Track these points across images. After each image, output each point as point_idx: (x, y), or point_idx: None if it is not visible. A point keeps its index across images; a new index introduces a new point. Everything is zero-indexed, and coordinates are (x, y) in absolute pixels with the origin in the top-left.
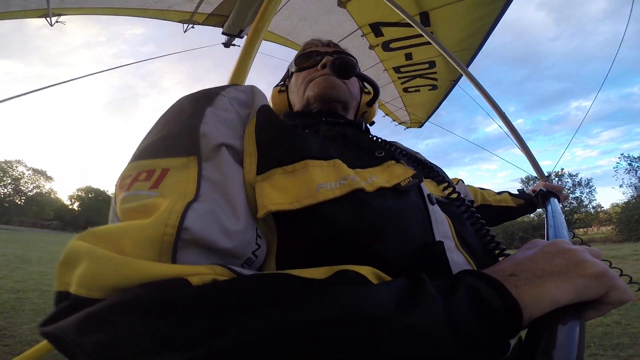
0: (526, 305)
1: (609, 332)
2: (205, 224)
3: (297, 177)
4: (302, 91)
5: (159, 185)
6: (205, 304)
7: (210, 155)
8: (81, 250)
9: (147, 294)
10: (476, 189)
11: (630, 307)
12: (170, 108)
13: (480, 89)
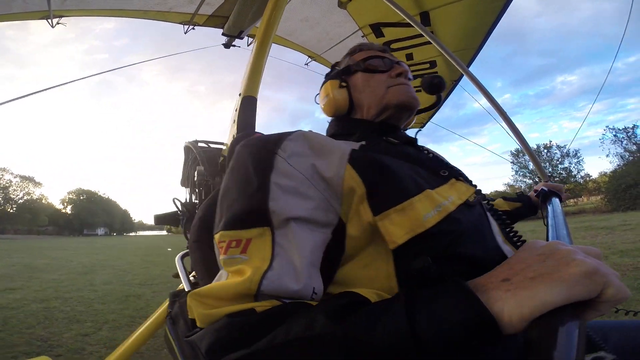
0: (511, 308)
1: None
2: (274, 288)
3: (408, 214)
4: (380, 92)
5: (246, 250)
6: (260, 321)
7: (280, 225)
8: (191, 303)
9: (235, 317)
10: None
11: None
12: (237, 169)
13: (482, 88)
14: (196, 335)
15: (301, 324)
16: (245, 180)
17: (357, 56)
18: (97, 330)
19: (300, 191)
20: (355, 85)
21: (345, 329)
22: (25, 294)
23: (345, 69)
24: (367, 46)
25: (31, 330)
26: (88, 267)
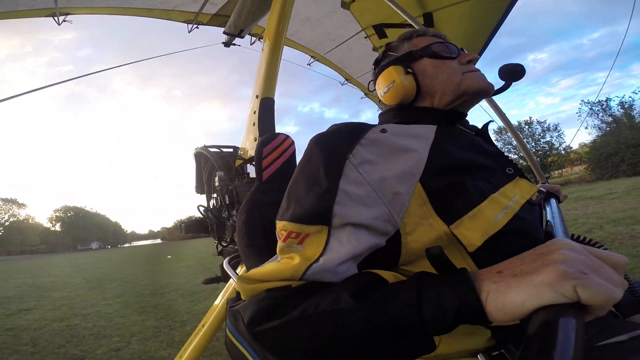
0: (496, 301)
1: None
2: (314, 276)
3: (479, 219)
4: (456, 81)
5: (303, 242)
6: (295, 295)
7: (337, 227)
8: (240, 280)
9: (272, 292)
10: None
11: None
12: (309, 166)
13: None
14: (240, 306)
15: (329, 299)
16: (315, 180)
17: (418, 42)
18: (127, 344)
19: (366, 201)
20: (424, 71)
21: (365, 306)
22: (43, 314)
23: (408, 55)
24: (423, 31)
25: (64, 350)
26: (94, 282)
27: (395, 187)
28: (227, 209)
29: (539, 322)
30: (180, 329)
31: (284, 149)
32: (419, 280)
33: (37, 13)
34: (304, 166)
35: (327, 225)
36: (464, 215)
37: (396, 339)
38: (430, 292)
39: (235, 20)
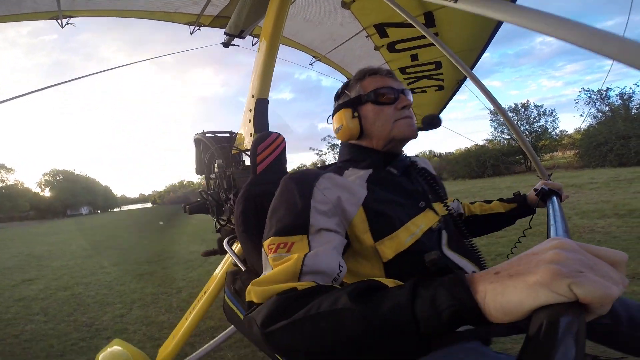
0: (495, 301)
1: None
2: (311, 266)
3: (394, 240)
4: (388, 127)
5: (290, 250)
6: (301, 297)
7: (314, 233)
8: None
9: (282, 294)
10: (465, 203)
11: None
12: (286, 195)
13: (485, 91)
14: (254, 312)
15: (329, 301)
16: (293, 202)
17: (367, 83)
18: (129, 311)
19: (329, 213)
20: (367, 116)
21: (361, 306)
22: (47, 284)
23: (357, 99)
24: (374, 71)
25: (73, 318)
26: (90, 250)
27: (347, 206)
28: (225, 192)
29: (539, 322)
30: (177, 295)
31: (275, 146)
32: (415, 282)
33: (41, 16)
34: (281, 196)
35: (306, 233)
36: (386, 236)
37: (390, 338)
38: (424, 292)
39: (235, 20)
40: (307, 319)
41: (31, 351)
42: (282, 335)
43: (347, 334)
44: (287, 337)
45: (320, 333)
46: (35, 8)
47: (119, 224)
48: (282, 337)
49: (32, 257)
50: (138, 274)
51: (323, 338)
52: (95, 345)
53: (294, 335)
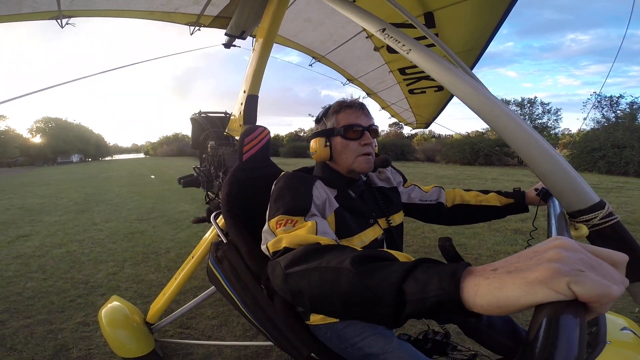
0: (490, 295)
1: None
2: (321, 229)
3: (349, 242)
4: (350, 160)
5: (295, 226)
6: (322, 250)
7: (310, 217)
8: (282, 237)
9: (309, 245)
10: (455, 191)
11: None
12: (292, 186)
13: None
14: (281, 258)
15: (338, 259)
16: (298, 192)
17: (341, 117)
18: (121, 269)
19: (320, 206)
20: (336, 146)
21: (357, 270)
22: (42, 241)
23: (330, 131)
24: (349, 105)
25: (70, 275)
26: (82, 205)
27: (326, 206)
28: (215, 170)
29: (540, 320)
30: (165, 255)
31: (260, 138)
32: (415, 264)
33: (41, 16)
34: (287, 187)
35: (304, 215)
36: (344, 238)
37: (369, 304)
38: (420, 276)
39: (236, 21)
40: (317, 269)
41: (34, 308)
42: (297, 278)
43: (341, 290)
44: (299, 280)
45: (322, 283)
46: (35, 8)
47: (110, 176)
48: (296, 279)
49: (24, 210)
50: (129, 232)
51: (323, 288)
52: (92, 301)
53: (304, 278)
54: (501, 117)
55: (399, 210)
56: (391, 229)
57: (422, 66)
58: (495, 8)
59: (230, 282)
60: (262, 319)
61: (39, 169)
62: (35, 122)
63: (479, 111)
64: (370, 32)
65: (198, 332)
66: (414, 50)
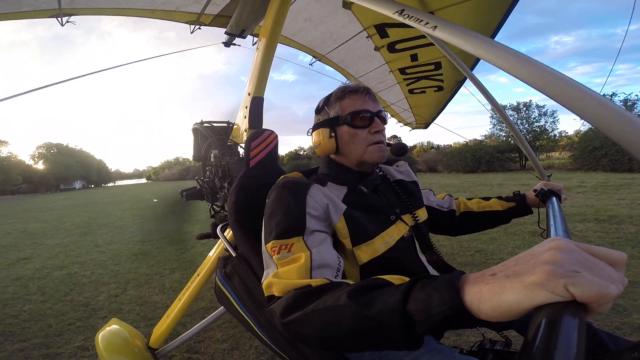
0: (492, 301)
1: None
2: (318, 262)
3: (370, 247)
4: (360, 151)
5: (291, 250)
6: (313, 293)
7: (308, 234)
8: (272, 282)
9: (298, 290)
10: (459, 200)
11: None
12: (282, 202)
13: (485, 92)
14: (274, 305)
15: (334, 297)
16: (290, 209)
17: (346, 104)
18: (124, 291)
19: (320, 218)
20: (342, 137)
21: (356, 303)
22: (42, 263)
23: (334, 120)
24: (354, 90)
25: (70, 297)
26: (84, 228)
27: (331, 213)
28: (220, 180)
29: (539, 321)
30: (169, 276)
31: (268, 142)
32: (411, 284)
33: (41, 14)
34: (277, 202)
35: (302, 235)
36: (362, 243)
37: (379, 334)
38: (418, 295)
39: (236, 20)
40: (315, 312)
41: (30, 331)
42: (297, 325)
43: (345, 327)
44: (301, 327)
45: (325, 325)
46: (36, 6)
47: (112, 201)
48: (296, 326)
49: (27, 234)
50: (132, 254)
51: (328, 329)
52: (92, 324)
53: (306, 325)
54: (553, 82)
55: (422, 205)
56: (419, 226)
57: (453, 41)
58: (496, 8)
59: (242, 301)
60: (281, 341)
61: (42, 195)
62: (37, 148)
63: (526, 78)
64: (387, 14)
65: (207, 357)
66: (441, 27)
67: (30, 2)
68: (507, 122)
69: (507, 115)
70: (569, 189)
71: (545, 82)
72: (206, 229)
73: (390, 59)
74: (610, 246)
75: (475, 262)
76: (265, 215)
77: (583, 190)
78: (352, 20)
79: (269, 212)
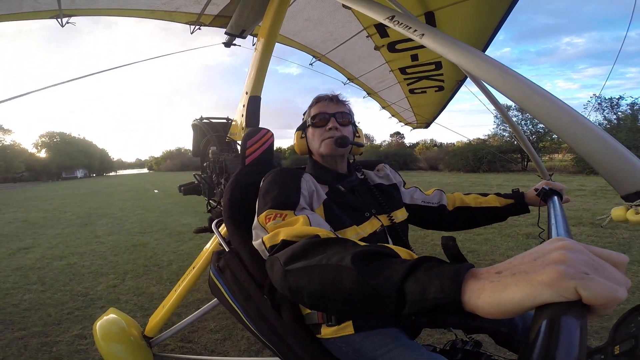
0: (492, 298)
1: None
2: (314, 221)
3: (343, 235)
4: (317, 145)
5: (284, 219)
6: (322, 244)
7: (299, 210)
8: (279, 230)
9: (308, 239)
10: (455, 195)
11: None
12: (280, 181)
13: (486, 91)
14: (279, 253)
15: (339, 256)
16: (286, 185)
17: (313, 110)
18: (122, 282)
19: (307, 199)
20: (308, 136)
21: (358, 269)
22: (42, 253)
23: (304, 123)
24: (320, 98)
25: (69, 287)
26: (84, 218)
27: (314, 198)
28: (217, 176)
29: (541, 321)
30: (167, 268)
31: (264, 141)
32: (416, 263)
33: (41, 15)
34: (275, 181)
35: (293, 209)
36: (336, 231)
37: (373, 303)
38: (421, 276)
39: (236, 20)
40: (318, 266)
41: (30, 319)
42: (297, 275)
43: (342, 288)
44: (299, 278)
45: (323, 281)
46: (36, 7)
47: (114, 190)
48: (296, 276)
49: (27, 223)
50: (131, 245)
51: (324, 285)
52: (90, 314)
53: (304, 276)
54: (533, 97)
55: (401, 206)
56: (395, 226)
57: (438, 50)
58: (496, 8)
59: (233, 293)
60: (268, 333)
61: (44, 184)
62: (40, 137)
63: (507, 92)
64: (378, 20)
65: (200, 347)
66: (428, 34)
67: (30, 3)
68: (507, 120)
69: (507, 113)
70: (569, 192)
71: (525, 97)
72: (204, 224)
73: (390, 58)
74: None
75: None
76: (260, 193)
77: (582, 194)
78: (352, 19)
79: (265, 190)
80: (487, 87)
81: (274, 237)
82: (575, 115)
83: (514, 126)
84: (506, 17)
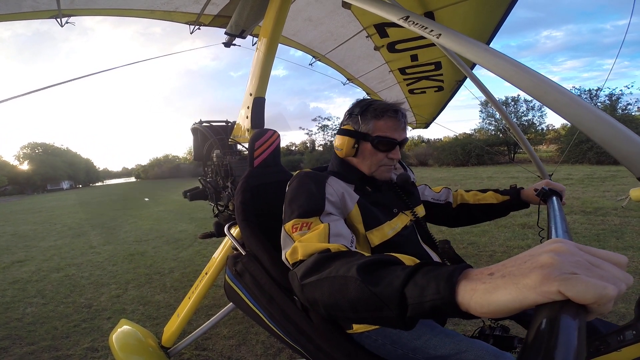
0: (482, 299)
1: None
2: (335, 229)
3: (380, 231)
4: (373, 168)
5: (310, 227)
6: (331, 258)
7: (325, 216)
8: (297, 246)
9: (319, 254)
10: (458, 192)
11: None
12: (305, 187)
13: (485, 91)
14: (297, 268)
15: (345, 267)
16: (312, 193)
17: (379, 126)
18: (125, 291)
19: (336, 203)
20: (363, 151)
21: (362, 278)
22: (38, 265)
23: (363, 135)
24: (392, 115)
25: (71, 299)
26: (76, 229)
27: (347, 202)
28: (223, 180)
29: (539, 320)
30: (169, 275)
31: (271, 142)
32: (415, 268)
33: (41, 15)
34: (300, 187)
35: (319, 216)
36: (373, 228)
37: (377, 309)
38: (420, 280)
39: (236, 20)
40: (328, 278)
41: (37, 333)
42: (311, 288)
43: (349, 297)
44: (314, 291)
45: (332, 292)
46: (35, 7)
47: (102, 200)
48: (310, 289)
49: (18, 237)
50: (129, 254)
51: (334, 296)
52: (98, 325)
53: (317, 289)
54: (551, 92)
55: (420, 203)
56: (419, 221)
57: (455, 49)
58: (495, 8)
59: (254, 297)
60: (294, 333)
61: (30, 197)
62: (22, 148)
63: (526, 88)
64: (392, 20)
65: (216, 354)
66: (445, 35)
67: (29, 3)
68: (508, 121)
69: (505, 111)
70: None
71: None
72: (201, 231)
73: (390, 58)
74: (596, 238)
75: (469, 254)
76: (286, 200)
77: (570, 183)
78: (351, 20)
79: (291, 197)
80: (485, 87)
81: (293, 254)
82: (590, 108)
83: (513, 126)
84: (506, 16)
